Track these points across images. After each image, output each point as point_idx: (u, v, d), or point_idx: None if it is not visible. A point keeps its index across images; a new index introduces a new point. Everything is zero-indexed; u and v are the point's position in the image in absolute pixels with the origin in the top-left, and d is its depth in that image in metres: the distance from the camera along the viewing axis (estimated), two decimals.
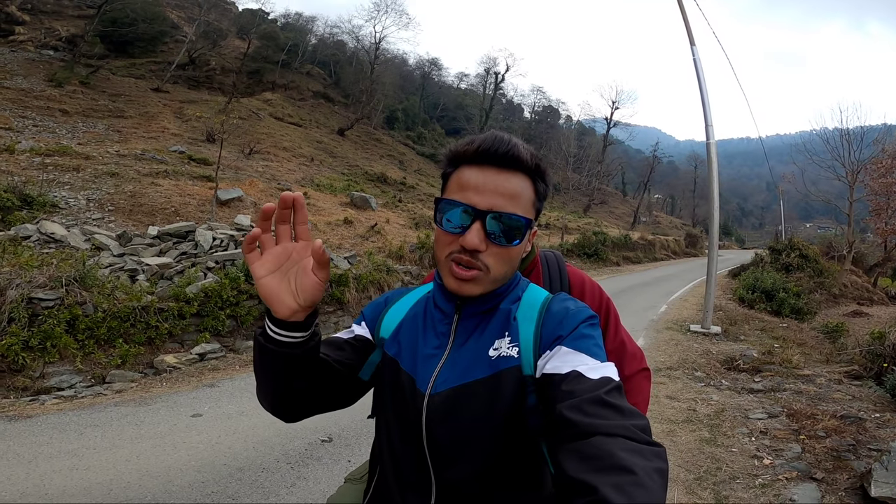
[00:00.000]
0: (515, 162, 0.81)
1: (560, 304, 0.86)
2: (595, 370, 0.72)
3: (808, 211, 58.86)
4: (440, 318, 0.90)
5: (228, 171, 16.31)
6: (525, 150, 0.82)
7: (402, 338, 0.91)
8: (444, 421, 0.82)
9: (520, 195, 0.82)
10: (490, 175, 0.81)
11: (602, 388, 0.69)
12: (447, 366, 0.84)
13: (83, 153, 13.83)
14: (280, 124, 26.41)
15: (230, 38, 34.03)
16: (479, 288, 0.82)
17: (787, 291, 13.23)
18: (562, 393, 0.70)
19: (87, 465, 3.19)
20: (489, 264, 0.81)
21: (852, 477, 3.17)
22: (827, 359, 7.20)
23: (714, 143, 8.96)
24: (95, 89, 20.88)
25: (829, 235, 29.30)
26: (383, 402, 0.91)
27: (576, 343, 0.77)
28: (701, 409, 4.75)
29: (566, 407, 0.67)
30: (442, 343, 0.87)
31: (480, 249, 0.79)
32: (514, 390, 0.80)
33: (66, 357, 5.44)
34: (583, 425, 0.64)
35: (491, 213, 0.79)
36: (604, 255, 21.86)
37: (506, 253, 0.82)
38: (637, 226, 41.58)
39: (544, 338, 0.81)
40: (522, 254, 0.87)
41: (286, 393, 0.81)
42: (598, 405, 0.66)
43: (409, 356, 0.88)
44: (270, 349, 0.76)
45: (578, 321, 0.81)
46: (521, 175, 0.82)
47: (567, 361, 0.74)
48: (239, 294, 7.19)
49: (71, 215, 10.36)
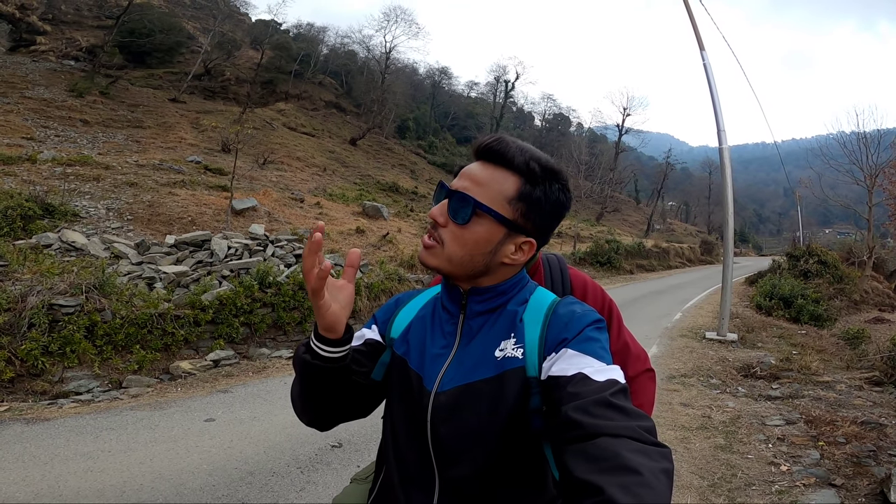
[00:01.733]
0: (499, 157, 0.84)
1: (567, 307, 0.87)
2: (601, 372, 0.73)
3: (826, 216, 57.74)
4: (447, 319, 0.92)
5: (243, 181, 16.55)
6: (516, 149, 0.83)
7: (410, 337, 0.93)
8: (448, 419, 0.83)
9: (487, 184, 0.83)
10: (476, 166, 0.86)
11: (608, 390, 0.69)
12: (453, 365, 0.86)
13: (103, 163, 14.16)
14: (293, 134, 26.80)
15: (244, 48, 34.74)
16: (433, 259, 0.86)
17: (806, 298, 12.99)
18: (567, 394, 0.71)
19: (101, 468, 3.24)
20: (445, 240, 0.84)
21: (872, 483, 3.09)
22: (847, 365, 7.04)
23: (727, 148, 8.87)
24: (115, 99, 21.41)
25: (848, 241, 28.60)
26: (391, 401, 0.93)
27: (582, 346, 0.78)
28: (716, 415, 4.66)
29: (572, 408, 0.68)
30: (449, 343, 0.89)
31: (438, 221, 0.85)
32: (517, 391, 0.81)
33: (84, 362, 5.55)
34: (588, 426, 0.65)
35: (454, 192, 0.84)
36: (617, 264, 21.66)
37: (459, 233, 0.83)
38: (651, 233, 41.16)
39: (549, 340, 0.82)
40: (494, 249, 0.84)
41: (326, 405, 0.89)
42: (603, 407, 0.67)
43: (417, 355, 0.90)
44: (318, 366, 0.82)
45: (585, 324, 0.81)
46: (504, 170, 0.84)
47: (573, 364, 0.75)
48: (253, 302, 7.27)
49: (91, 224, 10.61)
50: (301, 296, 7.78)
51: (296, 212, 14.78)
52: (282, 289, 7.61)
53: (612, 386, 0.70)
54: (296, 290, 7.75)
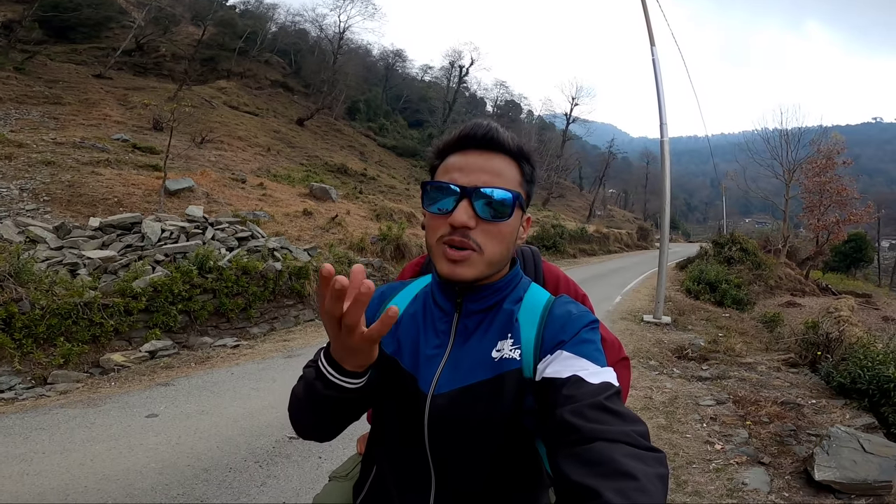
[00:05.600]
0: (496, 143, 0.83)
1: (562, 307, 0.86)
2: (595, 375, 0.73)
3: (747, 207, 62.35)
4: (440, 316, 0.89)
5: (178, 161, 15.49)
6: (506, 133, 0.85)
7: (401, 336, 0.90)
8: (447, 422, 0.82)
9: (503, 173, 0.83)
10: (472, 157, 0.83)
11: (602, 394, 0.70)
12: (449, 366, 0.84)
13: (16, 141, 12.77)
14: (235, 113, 25.31)
15: (183, 24, 32.14)
16: (472, 270, 0.80)
17: (729, 283, 14.00)
18: (562, 397, 0.71)
19: (37, 471, 3.00)
20: (481, 243, 0.80)
21: (796, 461, 3.40)
22: (766, 347, 7.71)
23: (667, 141, 9.34)
24: (30, 75, 19.28)
25: (766, 230, 31.24)
26: (381, 400, 0.90)
27: (577, 348, 0.77)
28: (657, 396, 4.98)
29: (567, 411, 0.68)
30: (442, 342, 0.86)
31: (470, 226, 0.79)
32: (515, 392, 0.80)
33: (2, 357, 5.04)
34: (584, 430, 0.65)
35: (476, 189, 0.80)
36: (562, 248, 22.43)
37: (496, 230, 0.81)
38: (592, 219, 42.82)
39: (546, 342, 0.81)
40: (517, 235, 0.87)
41: (332, 424, 0.85)
42: (598, 410, 0.67)
43: (409, 355, 0.87)
44: (333, 397, 0.76)
45: (580, 326, 0.81)
46: (503, 156, 0.84)
47: (568, 366, 0.75)
48: (192, 288, 6.88)
49: (3, 206, 9.56)
50: (244, 281, 7.46)
51: (237, 193, 14.03)
52: (223, 273, 7.25)
53: (606, 389, 0.71)
54: (239, 276, 7.42)
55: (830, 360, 5.40)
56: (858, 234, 29.95)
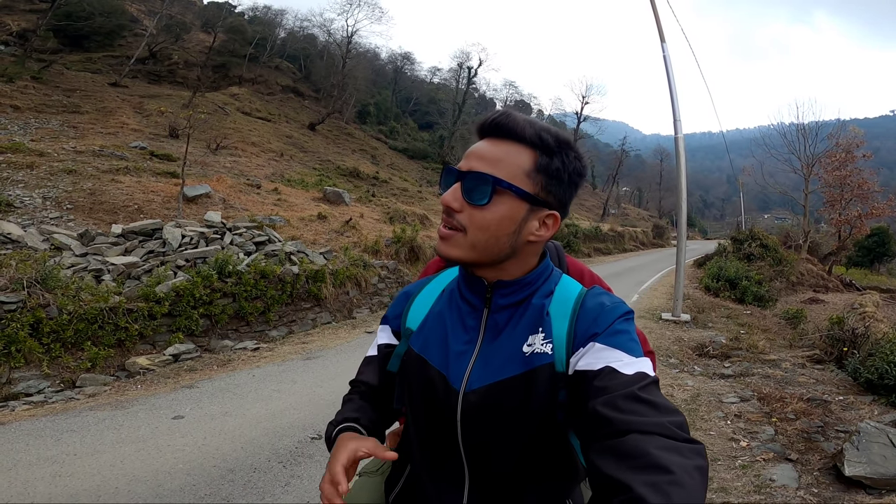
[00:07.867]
0: (506, 130, 0.81)
1: (595, 299, 0.84)
2: (630, 365, 0.71)
3: (765, 202, 61.35)
4: (468, 312, 0.88)
5: (194, 167, 15.73)
6: (520, 121, 0.81)
7: (428, 332, 0.90)
8: (479, 418, 0.81)
9: (502, 160, 0.80)
10: (483, 144, 0.83)
11: (637, 384, 0.68)
12: (480, 362, 0.83)
13: (37, 150, 13.09)
14: (248, 119, 25.65)
15: (194, 31, 32.75)
16: (456, 251, 0.81)
17: (750, 280, 13.78)
18: (595, 389, 0.69)
19: (69, 472, 3.06)
20: (464, 224, 0.80)
21: (824, 458, 3.34)
22: (790, 344, 7.56)
23: (682, 137, 9.23)
24: (48, 84, 19.76)
25: (785, 226, 30.69)
26: (411, 398, 0.90)
27: (610, 339, 0.76)
28: (678, 394, 4.93)
29: (600, 403, 0.67)
30: (472, 338, 0.86)
31: (453, 207, 0.81)
32: (547, 387, 0.79)
33: (31, 361, 5.18)
34: (617, 422, 0.63)
35: (465, 173, 0.81)
36: (576, 247, 22.28)
37: (479, 215, 0.79)
38: (606, 218, 42.48)
39: (578, 335, 0.79)
40: (518, 228, 0.81)
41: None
42: (632, 401, 0.65)
43: (438, 352, 0.87)
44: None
45: (614, 317, 0.80)
46: (514, 143, 0.81)
47: (601, 358, 0.74)
48: (212, 292, 7.00)
49: (27, 214, 9.81)
50: (263, 284, 7.56)
51: (253, 198, 14.23)
52: (243, 278, 7.36)
53: (641, 379, 0.69)
54: (257, 280, 7.52)
55: (857, 356, 5.28)
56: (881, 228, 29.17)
